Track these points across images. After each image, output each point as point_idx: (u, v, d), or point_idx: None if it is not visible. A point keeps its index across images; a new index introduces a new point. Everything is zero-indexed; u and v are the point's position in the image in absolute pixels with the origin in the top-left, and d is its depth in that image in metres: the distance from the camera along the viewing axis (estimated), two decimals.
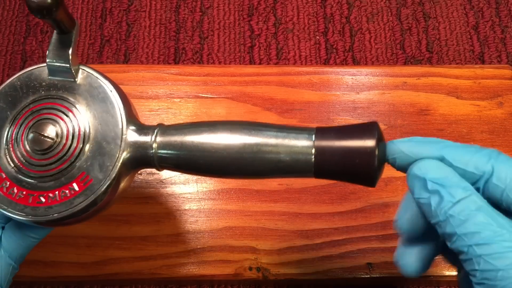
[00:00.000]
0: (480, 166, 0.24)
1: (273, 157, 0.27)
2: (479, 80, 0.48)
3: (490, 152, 0.24)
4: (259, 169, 0.27)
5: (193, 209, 0.43)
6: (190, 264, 0.41)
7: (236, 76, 0.47)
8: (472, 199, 0.22)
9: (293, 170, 0.27)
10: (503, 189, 0.23)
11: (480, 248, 0.21)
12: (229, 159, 0.27)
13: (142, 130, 0.29)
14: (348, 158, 0.25)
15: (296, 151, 0.27)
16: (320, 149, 0.26)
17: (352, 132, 0.26)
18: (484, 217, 0.22)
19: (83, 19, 0.54)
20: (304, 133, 0.27)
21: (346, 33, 0.54)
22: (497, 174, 0.23)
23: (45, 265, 0.41)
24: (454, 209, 0.22)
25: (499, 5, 0.55)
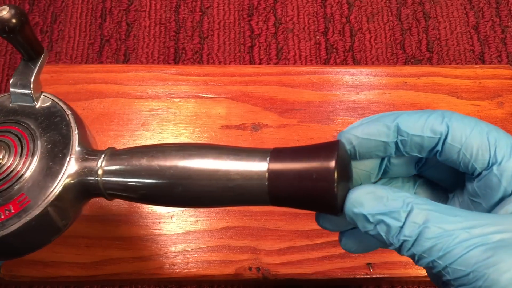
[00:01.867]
0: (436, 128, 0.23)
1: (225, 183, 0.24)
2: (480, 80, 0.47)
3: (442, 112, 0.23)
4: (209, 190, 0.25)
5: (193, 209, 0.42)
6: (190, 264, 0.41)
7: (236, 76, 0.47)
8: (416, 213, 0.21)
9: (248, 198, 0.24)
10: (459, 149, 0.23)
11: (443, 260, 0.20)
12: (177, 185, 0.25)
13: (91, 155, 0.28)
14: (303, 182, 0.22)
15: (249, 175, 0.24)
16: (273, 173, 0.23)
17: (310, 152, 0.23)
18: (433, 227, 0.21)
19: (83, 19, 0.54)
20: (258, 155, 0.24)
21: (346, 33, 0.54)
22: (452, 133, 0.23)
23: (45, 265, 0.41)
24: (404, 232, 0.21)
25: (499, 5, 0.55)
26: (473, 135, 0.23)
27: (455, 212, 0.21)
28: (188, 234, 0.42)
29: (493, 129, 0.23)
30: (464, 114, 0.24)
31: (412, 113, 0.24)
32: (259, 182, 0.24)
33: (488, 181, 0.23)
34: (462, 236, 0.20)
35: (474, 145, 0.23)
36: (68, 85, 0.46)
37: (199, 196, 0.25)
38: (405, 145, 0.23)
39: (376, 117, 0.24)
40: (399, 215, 0.21)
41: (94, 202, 0.42)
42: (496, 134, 0.23)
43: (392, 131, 0.23)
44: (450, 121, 0.23)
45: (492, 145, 0.23)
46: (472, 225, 0.20)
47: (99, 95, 0.46)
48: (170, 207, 0.43)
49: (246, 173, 0.24)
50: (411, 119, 0.23)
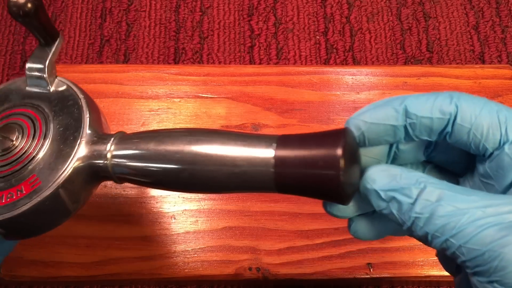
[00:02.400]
0: (445, 109, 0.22)
1: (231, 169, 0.24)
2: (480, 80, 0.47)
3: (450, 93, 0.23)
4: (214, 176, 0.25)
5: (193, 209, 0.42)
6: (190, 264, 0.41)
7: (236, 76, 0.47)
8: (429, 191, 0.21)
9: (254, 184, 0.24)
10: (469, 129, 0.22)
11: (456, 239, 0.20)
12: (183, 170, 0.25)
13: (101, 138, 0.28)
14: (309, 169, 0.22)
15: (255, 162, 0.24)
16: (280, 159, 0.23)
17: (317, 139, 0.23)
18: (446, 205, 0.20)
19: (83, 19, 0.54)
20: (265, 141, 0.24)
21: (346, 33, 0.54)
22: (461, 114, 0.22)
23: (45, 265, 0.41)
24: (415, 209, 0.21)
25: (500, 5, 0.55)
26: (483, 114, 0.22)
27: (469, 192, 0.21)
28: (188, 234, 0.42)
29: (503, 108, 0.23)
30: (472, 95, 0.23)
31: (419, 96, 0.23)
32: (265, 168, 0.24)
33: (500, 161, 0.22)
34: (476, 214, 0.20)
35: (484, 124, 0.22)
36: None
37: (205, 181, 0.25)
38: (414, 128, 0.23)
39: (383, 102, 0.24)
40: (411, 192, 0.21)
41: (94, 202, 0.42)
42: (507, 113, 0.22)
43: (400, 114, 0.23)
44: (459, 101, 0.22)
45: (503, 123, 0.22)
46: (486, 204, 0.20)
47: (99, 95, 0.46)
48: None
49: (252, 160, 0.24)
50: (419, 101, 0.23)
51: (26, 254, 0.41)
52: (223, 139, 0.25)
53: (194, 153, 0.25)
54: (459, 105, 0.22)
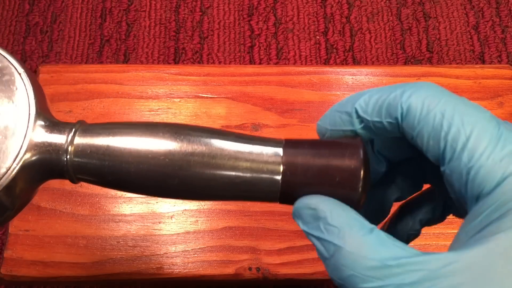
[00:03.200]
0: (392, 110, 0.19)
1: (229, 173, 0.21)
2: (480, 80, 0.47)
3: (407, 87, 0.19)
4: (210, 185, 0.21)
5: (193, 209, 0.42)
6: (190, 265, 0.41)
7: (236, 76, 0.47)
8: (344, 254, 0.18)
9: (254, 192, 0.21)
10: (412, 135, 0.19)
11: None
12: (171, 170, 0.21)
13: (55, 127, 0.22)
14: (326, 178, 0.20)
15: (258, 167, 0.21)
16: (290, 165, 0.20)
17: (332, 146, 0.20)
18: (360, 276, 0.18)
19: (83, 19, 0.54)
20: (269, 144, 0.21)
21: (346, 33, 0.54)
22: (407, 116, 0.19)
23: (44, 265, 0.41)
24: (330, 264, 0.19)
25: (500, 5, 0.55)
26: (427, 118, 0.18)
27: (397, 252, 0.18)
28: (188, 234, 0.42)
29: (458, 107, 0.18)
30: (439, 87, 0.19)
31: (374, 93, 0.20)
32: (273, 174, 0.21)
33: (447, 180, 0.19)
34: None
35: (424, 133, 0.18)
36: (68, 85, 0.46)
37: (198, 192, 0.22)
38: (371, 131, 0.20)
39: (342, 102, 0.21)
40: (329, 246, 0.19)
41: (93, 202, 0.42)
42: (457, 119, 0.18)
43: (354, 118, 0.20)
44: (409, 99, 0.19)
45: (443, 135, 0.18)
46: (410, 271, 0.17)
47: (99, 95, 0.46)
48: (170, 201, 0.43)
49: (258, 163, 0.21)
50: (371, 101, 0.20)
51: (26, 254, 0.41)
52: (221, 140, 0.21)
53: (186, 160, 0.21)
54: (406, 106, 0.19)
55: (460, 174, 0.18)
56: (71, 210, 0.42)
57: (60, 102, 0.45)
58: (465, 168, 0.17)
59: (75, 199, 0.42)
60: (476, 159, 0.17)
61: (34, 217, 0.42)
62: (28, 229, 0.41)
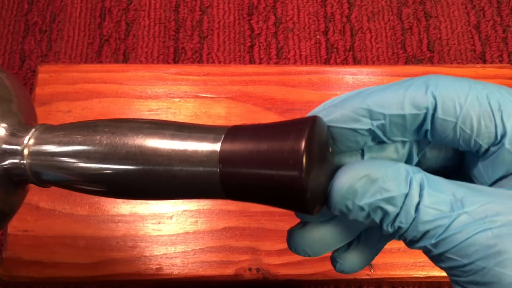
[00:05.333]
0: (420, 101, 0.18)
1: (165, 170, 0.19)
2: (481, 79, 0.47)
3: (426, 79, 0.18)
4: (150, 187, 0.20)
5: (193, 209, 0.42)
6: (190, 265, 0.41)
7: (236, 75, 0.47)
8: (413, 194, 0.17)
9: (196, 189, 0.19)
10: (455, 123, 0.18)
11: (436, 247, 0.17)
12: (109, 174, 0.20)
13: (18, 131, 0.21)
14: (263, 168, 0.17)
15: (194, 161, 0.18)
16: (225, 157, 0.18)
17: (277, 129, 0.18)
18: (429, 209, 0.17)
19: (82, 18, 0.54)
20: (210, 134, 0.19)
21: (347, 32, 0.53)
22: (441, 105, 0.18)
23: (44, 266, 0.40)
24: (400, 219, 0.17)
25: (501, 4, 0.55)
26: (470, 103, 0.18)
27: (454, 187, 0.17)
28: (188, 235, 0.41)
29: (494, 89, 0.18)
30: (454, 76, 0.19)
31: (385, 88, 0.19)
32: (209, 167, 0.18)
33: (499, 158, 0.18)
34: (461, 219, 0.17)
35: (473, 115, 0.18)
36: (67, 85, 0.46)
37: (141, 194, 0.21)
38: (384, 130, 0.19)
39: (341, 99, 0.19)
40: (398, 200, 0.17)
41: (93, 203, 0.42)
42: (499, 96, 0.18)
43: (362, 116, 0.18)
44: (437, 89, 0.18)
45: (497, 111, 0.18)
46: (473, 202, 0.17)
47: (98, 95, 0.46)
48: (168, 203, 0.43)
49: (193, 157, 0.19)
50: (385, 95, 0.18)
51: (25, 254, 0.41)
52: (161, 132, 0.20)
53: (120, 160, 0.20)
54: (437, 94, 0.18)
55: None
56: (70, 211, 0.42)
57: (59, 102, 0.45)
58: None
59: (74, 200, 0.42)
60: None
61: (33, 217, 0.41)
62: (27, 229, 0.41)
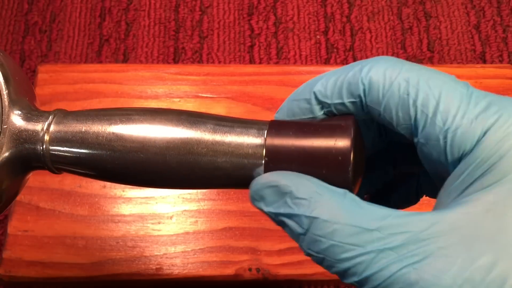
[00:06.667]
0: (354, 88, 0.18)
1: (207, 162, 0.19)
2: (481, 79, 0.47)
3: (364, 63, 0.18)
4: (189, 177, 0.20)
5: (193, 209, 0.42)
6: (190, 265, 0.41)
7: (236, 75, 0.47)
8: (320, 222, 0.17)
9: (237, 181, 0.20)
10: (379, 111, 0.18)
11: (363, 285, 0.16)
12: (147, 163, 0.20)
13: (32, 116, 0.21)
14: (311, 165, 0.18)
15: (239, 153, 0.19)
16: (272, 150, 0.19)
17: (319, 128, 0.19)
18: (343, 246, 0.16)
19: (82, 18, 0.54)
20: (253, 127, 0.19)
21: (347, 32, 0.53)
22: (370, 92, 0.18)
23: (43, 266, 0.40)
24: (306, 244, 0.17)
25: (501, 4, 0.55)
26: (391, 92, 0.17)
27: (375, 216, 0.16)
28: (188, 235, 0.41)
29: (421, 72, 0.17)
30: (396, 58, 0.19)
31: (332, 73, 0.19)
32: (254, 161, 0.19)
33: (422, 152, 0.18)
34: (381, 256, 0.16)
35: (392, 106, 0.17)
36: (67, 85, 0.46)
37: (178, 183, 0.21)
38: (334, 114, 0.19)
39: (298, 91, 0.20)
40: (302, 221, 0.17)
41: (93, 203, 0.42)
42: (423, 84, 0.17)
43: (314, 105, 0.19)
44: (369, 73, 0.18)
45: (412, 102, 0.17)
46: (393, 234, 0.16)
47: (98, 95, 0.46)
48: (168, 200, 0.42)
49: (238, 150, 0.19)
50: (329, 83, 0.18)
51: (25, 255, 0.40)
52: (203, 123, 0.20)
53: (161, 151, 0.20)
54: (367, 81, 0.18)
55: (437, 140, 0.17)
56: (70, 211, 0.42)
57: (59, 102, 0.45)
58: (441, 132, 0.17)
59: (74, 200, 0.42)
60: (451, 120, 0.16)
61: (33, 217, 0.41)
62: (27, 229, 0.41)
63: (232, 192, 0.43)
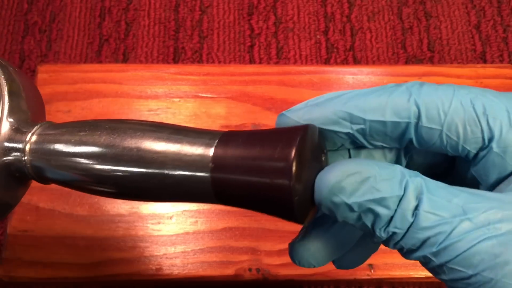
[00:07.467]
0: (401, 110, 0.18)
1: (157, 169, 0.19)
2: (481, 79, 0.47)
3: (409, 86, 0.18)
4: (142, 186, 0.20)
5: (193, 209, 0.42)
6: (190, 265, 0.41)
7: (236, 75, 0.47)
8: (409, 198, 0.16)
9: (187, 191, 0.20)
10: (440, 130, 0.17)
11: (437, 257, 0.16)
12: (104, 172, 0.20)
13: (22, 127, 0.22)
14: (253, 175, 0.18)
15: (188, 161, 0.19)
16: (219, 162, 0.18)
17: (267, 138, 0.18)
18: (428, 215, 0.16)
19: (82, 18, 0.54)
20: (204, 137, 0.19)
21: (347, 32, 0.53)
22: (425, 113, 0.17)
23: (43, 266, 0.40)
24: (395, 223, 0.16)
25: (501, 4, 0.55)
26: (454, 109, 0.17)
27: (455, 192, 0.16)
28: (188, 235, 0.41)
29: (478, 93, 0.18)
30: (437, 84, 0.19)
31: (369, 92, 0.18)
32: (200, 171, 0.19)
33: (488, 162, 0.18)
34: (463, 226, 0.16)
35: (458, 121, 0.17)
36: (66, 85, 0.46)
37: (133, 194, 0.21)
38: (364, 134, 0.18)
39: (324, 99, 0.19)
40: (391, 202, 0.16)
41: (93, 203, 0.42)
42: (484, 99, 0.17)
43: (342, 119, 0.18)
44: (420, 96, 0.18)
45: (482, 115, 0.17)
46: (475, 208, 0.16)
47: (98, 94, 0.46)
48: (168, 204, 0.42)
49: (186, 159, 0.19)
50: (367, 100, 0.18)
51: (25, 255, 0.40)
52: (159, 132, 0.20)
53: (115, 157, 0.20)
54: (421, 102, 0.18)
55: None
56: (70, 211, 0.42)
57: (59, 102, 0.45)
58: None
59: (74, 200, 0.42)
60: None
61: (32, 217, 0.41)
62: (26, 229, 0.41)
63: None
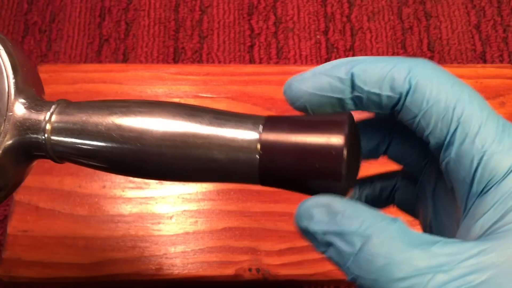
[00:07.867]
0: (396, 85, 0.18)
1: (202, 153, 0.20)
2: (481, 79, 0.47)
3: (412, 63, 0.18)
4: (184, 169, 0.20)
5: (193, 209, 0.42)
6: (190, 265, 0.41)
7: (236, 75, 0.47)
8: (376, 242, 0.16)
9: (231, 173, 0.20)
10: (416, 115, 0.18)
11: None
12: (143, 153, 0.20)
13: (36, 105, 0.22)
14: (304, 160, 0.18)
15: (234, 146, 0.19)
16: (267, 145, 0.19)
17: (314, 124, 0.19)
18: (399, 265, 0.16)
19: (82, 18, 0.54)
20: (248, 121, 0.20)
21: (347, 32, 0.53)
22: (413, 95, 0.18)
23: (43, 266, 0.40)
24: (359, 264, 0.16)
25: (501, 4, 0.55)
26: (438, 98, 0.18)
27: (427, 239, 0.16)
28: (188, 235, 0.41)
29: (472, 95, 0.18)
30: (442, 69, 0.19)
31: (374, 61, 0.19)
32: (248, 154, 0.19)
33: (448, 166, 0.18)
34: (438, 278, 0.15)
35: (433, 114, 0.18)
36: (67, 85, 0.46)
37: (173, 175, 0.21)
38: (361, 102, 0.19)
39: (330, 66, 0.19)
40: (353, 239, 0.16)
41: (93, 203, 0.42)
42: (469, 105, 0.18)
43: (347, 86, 0.19)
44: (416, 76, 0.18)
45: (456, 121, 0.18)
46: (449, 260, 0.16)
47: (98, 94, 0.46)
48: (166, 207, 0.42)
49: (233, 143, 0.19)
50: (369, 69, 0.19)
51: (25, 255, 0.40)
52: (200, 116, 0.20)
53: (158, 144, 0.20)
54: (414, 83, 0.18)
55: (471, 159, 0.17)
56: (70, 211, 0.42)
57: None
58: (478, 153, 0.17)
59: (74, 200, 0.42)
60: (489, 145, 0.17)
61: (32, 217, 0.41)
62: (26, 229, 0.41)
63: (232, 192, 0.43)
